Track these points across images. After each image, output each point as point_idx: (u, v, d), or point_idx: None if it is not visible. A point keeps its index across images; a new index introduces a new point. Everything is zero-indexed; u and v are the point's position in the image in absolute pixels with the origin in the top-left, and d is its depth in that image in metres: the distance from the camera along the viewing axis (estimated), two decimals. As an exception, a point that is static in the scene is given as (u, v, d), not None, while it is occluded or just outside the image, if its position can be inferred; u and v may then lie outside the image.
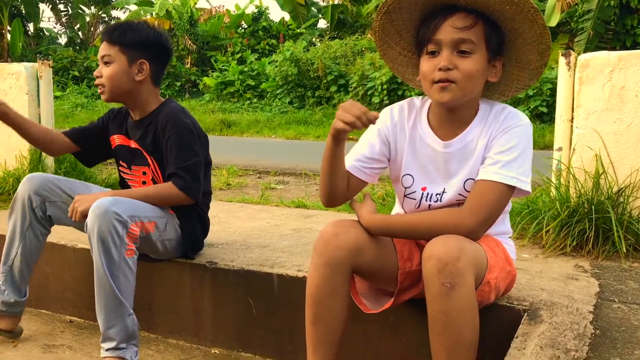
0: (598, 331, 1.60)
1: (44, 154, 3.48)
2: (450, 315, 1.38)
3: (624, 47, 12.85)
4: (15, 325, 2.20)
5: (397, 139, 1.67)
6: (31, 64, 3.50)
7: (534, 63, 1.57)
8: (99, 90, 2.15)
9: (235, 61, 17.14)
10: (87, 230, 1.86)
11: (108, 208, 1.84)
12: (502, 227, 1.72)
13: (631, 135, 2.37)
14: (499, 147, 1.53)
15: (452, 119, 1.60)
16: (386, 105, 12.19)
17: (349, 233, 1.53)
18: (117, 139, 2.26)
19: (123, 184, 2.29)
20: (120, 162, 2.26)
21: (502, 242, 1.70)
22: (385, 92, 11.93)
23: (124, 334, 1.88)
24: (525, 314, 1.68)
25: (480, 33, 1.48)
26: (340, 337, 1.60)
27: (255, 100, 15.01)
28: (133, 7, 23.01)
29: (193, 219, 2.20)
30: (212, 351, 2.19)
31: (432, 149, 1.62)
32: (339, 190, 1.63)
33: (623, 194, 2.34)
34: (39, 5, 24.37)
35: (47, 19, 48.45)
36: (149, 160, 2.17)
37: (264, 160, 6.19)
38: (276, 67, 14.45)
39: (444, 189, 1.63)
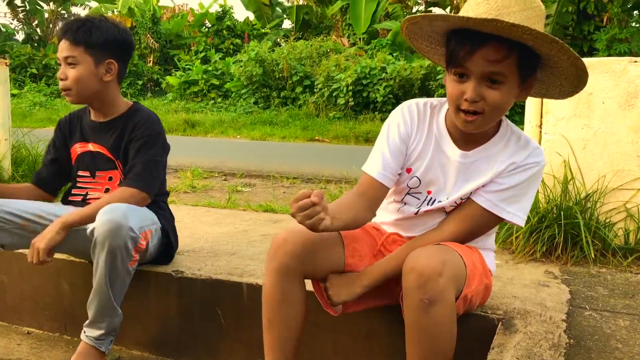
0: (572, 340, 1.59)
1: (0, 156, 3.34)
2: (427, 329, 1.37)
3: (581, 52, 13.18)
4: None
5: (414, 140, 1.61)
6: (-14, 62, 3.36)
7: (566, 88, 1.52)
8: (63, 93, 2.04)
9: (199, 60, 16.91)
10: (94, 239, 1.78)
11: (123, 223, 1.76)
12: (487, 243, 1.71)
13: (598, 142, 2.40)
14: (510, 181, 1.54)
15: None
16: (351, 106, 12.12)
17: (297, 239, 1.52)
18: (78, 148, 2.15)
19: (73, 197, 2.16)
20: (80, 172, 2.14)
21: (483, 254, 1.68)
22: (350, 93, 11.95)
23: (108, 330, 1.91)
24: (500, 323, 1.67)
25: (512, 63, 1.37)
26: (295, 343, 1.59)
27: (219, 100, 14.83)
28: (93, 4, 22.50)
29: (168, 219, 2.15)
30: (179, 363, 2.11)
31: (447, 156, 1.58)
32: (366, 220, 1.62)
33: (591, 199, 2.36)
34: (-5, 0, 23.58)
35: (4, 15, 46.96)
36: (116, 164, 2.08)
37: (230, 162, 6.10)
38: (241, 67, 14.30)
39: (447, 197, 1.60)
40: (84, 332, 1.92)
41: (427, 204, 1.63)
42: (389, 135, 1.62)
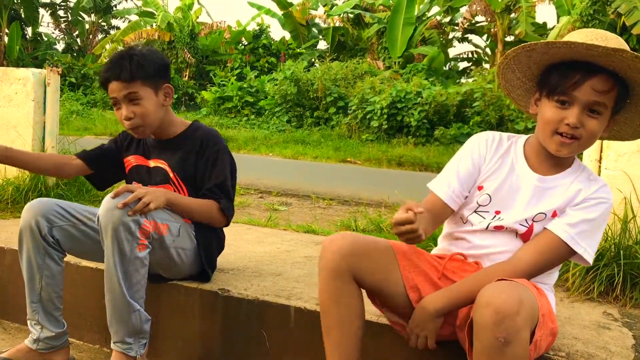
0: (643, 390, 1.51)
1: (46, 163, 3.36)
2: None
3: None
4: (68, 357, 2.07)
5: (488, 163, 1.66)
6: (39, 70, 3.41)
7: None
8: (132, 132, 2.03)
9: (234, 77, 17.11)
10: (98, 225, 1.79)
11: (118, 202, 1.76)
12: (547, 279, 1.65)
13: (662, 180, 2.31)
14: (584, 214, 1.54)
15: (550, 158, 1.60)
16: (385, 129, 12.10)
17: (344, 239, 1.54)
18: (132, 160, 2.17)
19: None
20: (134, 183, 2.15)
21: (547, 294, 1.62)
22: (384, 116, 11.93)
23: (127, 330, 1.86)
24: (564, 366, 1.59)
25: (613, 97, 1.48)
26: (352, 347, 1.55)
27: (252, 117, 14.96)
28: (133, 17, 23.03)
29: (208, 235, 2.11)
30: (220, 384, 2.07)
31: (522, 179, 1.62)
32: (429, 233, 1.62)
33: (653, 239, 2.27)
34: (39, 10, 24.29)
35: (46, 24, 48.36)
36: (174, 179, 2.08)
37: (265, 180, 6.09)
38: (276, 85, 14.43)
39: (515, 218, 1.60)
40: (112, 341, 1.88)
41: (495, 220, 1.62)
42: (462, 159, 1.69)
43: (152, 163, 2.12)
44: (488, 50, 19.06)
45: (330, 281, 1.53)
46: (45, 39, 25.77)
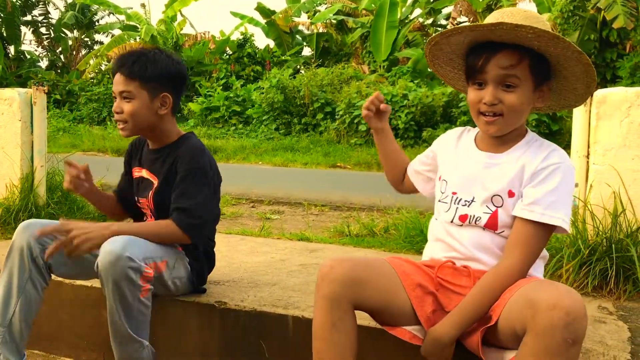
0: (641, 382, 1.52)
1: (35, 182, 3.35)
2: None
3: (604, 80, 13.12)
4: None
5: (443, 152, 1.79)
6: (25, 89, 3.38)
7: (580, 90, 1.63)
8: (119, 126, 2.02)
9: (220, 87, 17.09)
10: (98, 272, 1.75)
11: (121, 254, 1.72)
12: (535, 273, 1.65)
13: (649, 173, 2.33)
14: (543, 187, 1.53)
15: (498, 138, 1.64)
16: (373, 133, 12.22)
17: (343, 266, 1.52)
18: (136, 172, 2.17)
19: (137, 218, 2.20)
20: (137, 197, 2.17)
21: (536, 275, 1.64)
22: (372, 120, 11.94)
23: None
24: (562, 362, 1.60)
25: (525, 68, 1.52)
26: None
27: (240, 126, 14.93)
28: (117, 32, 22.94)
29: (200, 257, 2.11)
30: (220, 397, 2.06)
31: (473, 159, 1.67)
32: (396, 177, 1.96)
33: (643, 232, 2.29)
34: (21, 28, 24.14)
35: (29, 42, 48.09)
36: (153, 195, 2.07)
37: (256, 189, 6.09)
38: (262, 93, 14.42)
39: (473, 197, 1.62)
40: None
41: (456, 204, 1.64)
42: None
43: (144, 172, 2.12)
44: (471, 50, 19.18)
45: (329, 310, 1.51)
46: (29, 56, 25.58)
